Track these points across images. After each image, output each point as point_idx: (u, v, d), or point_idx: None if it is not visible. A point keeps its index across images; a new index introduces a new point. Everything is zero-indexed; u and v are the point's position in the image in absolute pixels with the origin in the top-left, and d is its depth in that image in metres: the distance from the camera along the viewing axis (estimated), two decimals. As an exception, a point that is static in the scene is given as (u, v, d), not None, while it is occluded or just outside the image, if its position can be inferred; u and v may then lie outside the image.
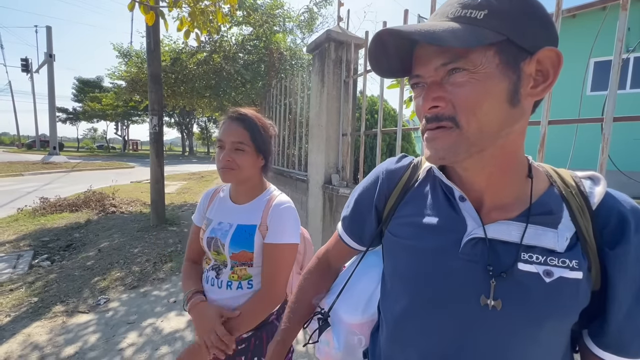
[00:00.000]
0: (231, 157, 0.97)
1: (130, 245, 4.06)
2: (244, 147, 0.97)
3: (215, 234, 1.02)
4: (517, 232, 0.46)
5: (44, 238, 4.41)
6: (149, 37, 4.82)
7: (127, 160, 23.63)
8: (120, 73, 7.02)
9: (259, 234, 0.99)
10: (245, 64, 6.24)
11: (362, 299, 0.67)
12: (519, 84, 0.42)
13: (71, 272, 3.26)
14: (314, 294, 0.73)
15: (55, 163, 16.40)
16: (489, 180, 0.49)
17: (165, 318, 2.51)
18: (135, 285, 3.04)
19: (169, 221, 5.25)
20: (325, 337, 0.68)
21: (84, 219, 5.33)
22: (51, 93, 19.36)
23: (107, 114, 32.62)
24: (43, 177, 11.67)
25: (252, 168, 1.01)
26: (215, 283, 1.02)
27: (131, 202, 6.78)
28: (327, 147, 3.04)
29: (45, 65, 19.43)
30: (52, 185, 9.70)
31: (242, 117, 1.00)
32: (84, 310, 2.57)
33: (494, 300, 0.44)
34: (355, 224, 0.66)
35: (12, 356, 2.00)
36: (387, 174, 0.62)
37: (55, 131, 20.14)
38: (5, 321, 2.37)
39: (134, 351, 2.10)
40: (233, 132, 0.97)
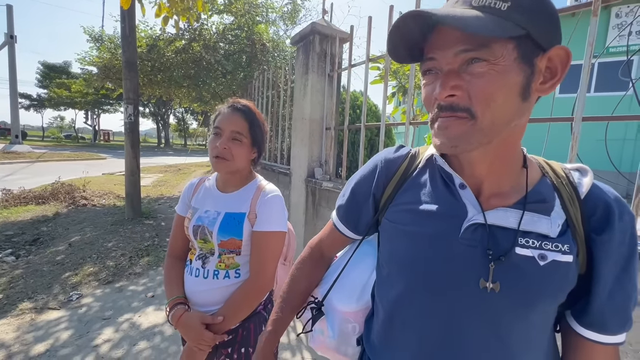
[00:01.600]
0: (228, 146, 0.97)
1: (103, 239, 3.90)
2: (242, 137, 0.99)
3: (202, 222, 1.01)
4: (515, 219, 0.49)
5: (7, 232, 4.14)
6: (124, 21, 4.58)
7: (98, 151, 22.50)
8: (92, 59, 6.64)
9: (248, 222, 0.99)
10: (226, 54, 6.08)
11: (357, 287, 0.69)
12: (532, 78, 0.44)
13: (39, 268, 3.10)
14: (307, 284, 0.74)
15: (17, 153, 15.35)
16: (490, 169, 0.51)
17: (143, 313, 2.44)
18: (110, 280, 2.93)
19: (145, 214, 5.08)
20: (319, 326, 0.70)
21: (52, 212, 5.05)
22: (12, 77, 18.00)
23: (76, 102, 30.78)
24: (4, 168, 10.89)
25: (245, 160, 1.02)
26: (200, 273, 1.01)
27: (104, 194, 6.49)
28: (310, 140, 3.04)
29: (6, 47, 18.02)
30: (14, 176, 9.09)
31: (244, 108, 1.01)
32: (54, 306, 2.46)
33: (493, 283, 0.47)
34: (351, 213, 0.67)
35: (-24, 356, 1.89)
36: (386, 162, 0.64)
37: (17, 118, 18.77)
38: (-34, 319, 2.23)
39: (110, 347, 2.04)
40: (233, 122, 0.98)
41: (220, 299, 1.00)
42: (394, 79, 3.34)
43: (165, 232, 4.46)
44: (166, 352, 2.02)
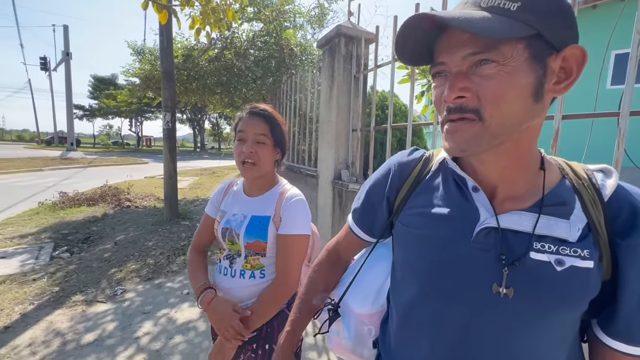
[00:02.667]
0: (254, 150, 1.01)
1: (144, 239, 4.18)
2: (265, 139, 1.02)
3: (230, 225, 1.06)
4: (530, 222, 0.47)
5: (63, 231, 4.58)
6: (162, 34, 4.90)
7: (141, 156, 24.13)
8: (134, 70, 7.15)
9: (273, 225, 1.02)
10: (255, 60, 6.27)
11: (372, 289, 0.69)
12: (544, 79, 0.43)
13: (89, 264, 3.39)
14: (324, 286, 0.75)
15: (72, 159, 16.89)
16: (503, 172, 0.50)
17: (179, 309, 2.58)
18: (150, 277, 3.14)
19: (182, 215, 5.37)
20: (335, 327, 0.71)
21: (100, 213, 5.50)
22: (68, 90, 19.88)
23: (122, 111, 33.30)
24: (62, 173, 12.04)
25: (270, 162, 1.05)
26: (228, 272, 1.06)
27: (145, 196, 6.95)
28: (337, 142, 3.05)
29: (63, 63, 19.94)
30: (70, 180, 10.02)
31: (262, 111, 1.04)
32: (102, 299, 2.67)
33: (506, 289, 0.46)
34: (366, 216, 0.68)
35: (36, 342, 2.10)
36: (399, 166, 0.64)
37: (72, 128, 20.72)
38: (29, 309, 2.49)
39: (149, 339, 2.18)
40: (255, 125, 1.01)
41: (246, 296, 1.04)
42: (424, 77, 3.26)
43: (200, 232, 4.68)
44: (199, 346, 2.12)
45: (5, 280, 2.97)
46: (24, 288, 2.83)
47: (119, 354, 2.02)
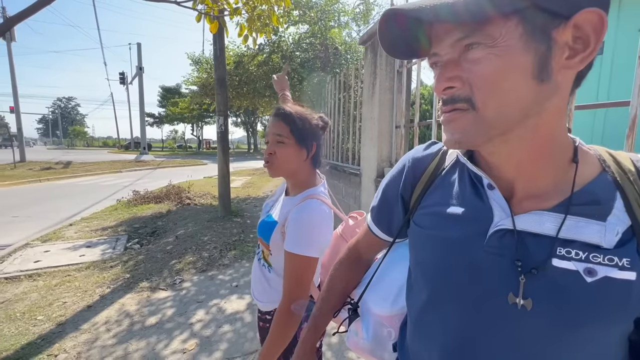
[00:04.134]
0: (272, 150, 0.99)
1: (201, 234, 4.53)
2: (284, 139, 0.99)
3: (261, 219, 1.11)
4: (553, 224, 0.41)
5: (135, 225, 5.18)
6: (215, 44, 5.26)
7: (201, 157, 26.21)
8: (193, 79, 7.81)
9: (279, 233, 0.97)
10: (301, 61, 6.42)
11: (391, 291, 0.66)
12: (550, 55, 0.37)
13: (155, 255, 3.78)
14: (344, 285, 0.74)
15: (145, 161, 19.00)
16: (520, 166, 0.44)
17: (228, 300, 2.76)
18: (204, 269, 3.40)
19: (234, 213, 5.71)
20: (354, 327, 0.69)
21: (165, 210, 6.10)
22: (141, 101, 22.42)
23: (185, 117, 36.58)
24: (136, 174, 13.64)
25: (294, 161, 1.00)
26: (259, 260, 1.13)
27: (203, 195, 7.53)
28: (379, 140, 2.98)
29: (137, 77, 22.52)
30: (142, 180, 11.30)
31: (280, 112, 1.02)
32: (163, 287, 2.97)
33: (524, 299, 0.40)
34: (383, 215, 0.65)
35: (111, 320, 2.42)
36: (413, 162, 0.60)
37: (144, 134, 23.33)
38: (106, 291, 2.87)
39: (201, 326, 2.36)
40: (275, 127, 1.00)
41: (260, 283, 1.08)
42: None
43: (249, 229, 4.94)
44: (245, 337, 2.24)
45: (89, 266, 3.46)
46: (103, 273, 3.27)
47: (175, 338, 2.22)
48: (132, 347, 2.11)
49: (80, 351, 2.05)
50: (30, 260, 3.63)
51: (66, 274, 3.26)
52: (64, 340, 2.16)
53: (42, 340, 2.15)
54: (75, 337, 2.19)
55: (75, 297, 2.76)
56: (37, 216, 5.89)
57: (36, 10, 2.01)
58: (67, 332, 2.25)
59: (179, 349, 2.10)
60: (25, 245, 4.12)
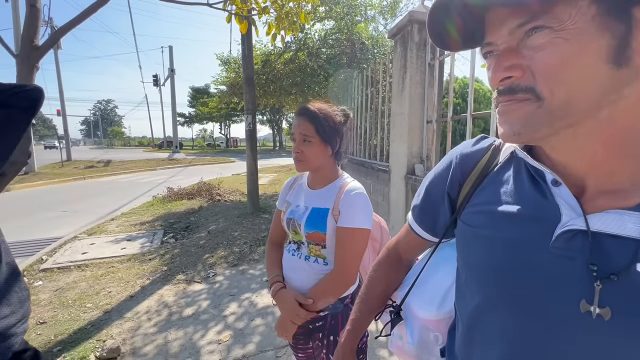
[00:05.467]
0: (300, 149, 1.07)
1: (231, 229, 4.67)
2: (310, 138, 1.06)
3: (294, 215, 1.12)
4: (636, 225, 0.36)
5: (170, 220, 5.43)
6: (244, 44, 5.36)
7: (229, 155, 26.98)
8: (222, 79, 8.03)
9: (332, 217, 1.05)
10: (327, 58, 6.40)
11: (437, 294, 0.64)
12: (629, 36, 0.33)
13: (189, 249, 3.95)
14: (384, 286, 0.73)
15: (177, 159, 19.85)
16: (594, 160, 0.39)
17: (259, 294, 2.83)
18: (236, 263, 3.50)
19: (262, 209, 5.83)
20: (398, 330, 0.68)
21: (197, 206, 6.35)
22: (173, 101, 23.40)
23: (213, 116, 37.80)
24: (169, 171, 14.30)
25: (320, 158, 1.08)
26: (296, 254, 1.14)
27: (232, 192, 7.76)
28: (409, 135, 2.91)
29: (169, 78, 23.51)
30: (175, 177, 11.82)
31: (305, 111, 1.08)
32: (198, 280, 3.09)
33: (600, 308, 0.36)
34: (427, 214, 0.63)
35: (151, 310, 2.56)
36: (462, 158, 0.57)
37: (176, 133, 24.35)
38: (146, 283, 3.04)
39: (235, 319, 2.44)
40: (301, 126, 1.07)
41: (310, 279, 1.09)
42: None
43: (277, 225, 5.03)
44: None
45: (130, 258, 3.68)
46: (143, 265, 3.46)
47: (211, 329, 2.31)
48: (171, 336, 2.22)
49: (125, 338, 2.19)
50: (78, 252, 3.92)
51: (110, 265, 3.49)
52: (111, 327, 2.31)
53: (92, 327, 2.32)
54: (120, 325, 2.34)
55: (119, 287, 2.95)
56: (83, 211, 6.34)
57: (81, 20, 2.15)
58: (112, 319, 2.41)
59: (214, 340, 2.18)
60: (74, 238, 4.46)
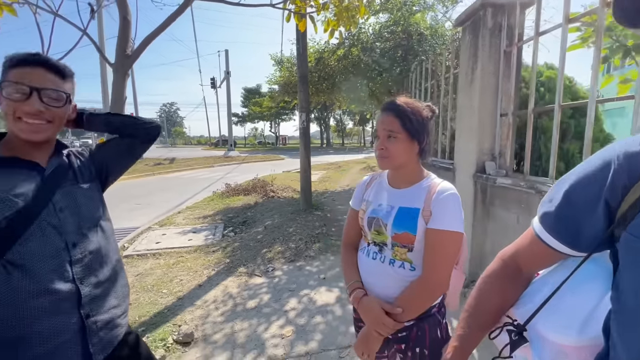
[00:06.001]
0: (384, 146, 1.01)
1: (286, 225, 4.78)
2: (396, 134, 1.00)
3: (377, 214, 1.06)
4: None
5: (229, 215, 5.75)
6: (299, 42, 5.43)
7: (279, 153, 27.86)
8: (275, 78, 8.26)
9: (422, 218, 0.98)
10: (382, 52, 6.21)
11: (578, 316, 0.54)
12: None
13: (248, 243, 4.13)
14: (500, 302, 0.65)
15: (232, 157, 21.04)
16: None
17: (317, 291, 2.84)
18: (293, 259, 3.57)
19: (315, 206, 5.88)
20: (521, 353, 0.59)
21: (253, 201, 6.63)
22: (228, 102, 24.82)
23: (264, 115, 39.37)
24: (225, 168, 15.21)
25: (405, 154, 1.01)
26: (377, 257, 1.06)
27: (285, 188, 7.97)
28: (480, 130, 2.67)
29: (225, 81, 24.95)
30: (231, 174, 12.53)
31: (391, 106, 1.03)
32: (258, 274, 3.21)
33: None
34: (566, 223, 0.54)
35: (218, 300, 2.71)
36: (627, 159, 0.46)
37: (231, 132, 25.82)
38: (212, 274, 3.24)
39: (295, 314, 2.48)
40: (385, 122, 1.02)
41: (394, 286, 1.02)
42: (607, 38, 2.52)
43: (331, 222, 5.03)
44: (337, 330, 2.27)
45: (196, 249, 3.96)
46: (208, 257, 3.70)
47: (273, 322, 2.37)
48: (237, 327, 2.32)
49: (197, 324, 2.35)
50: (152, 241, 4.33)
51: (179, 255, 3.79)
52: (184, 313, 2.50)
53: (168, 311, 2.53)
54: (192, 312, 2.52)
55: (188, 276, 3.18)
56: (153, 204, 7.01)
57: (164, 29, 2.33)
58: (185, 306, 2.61)
59: (277, 334, 2.23)
60: (148, 228, 4.93)
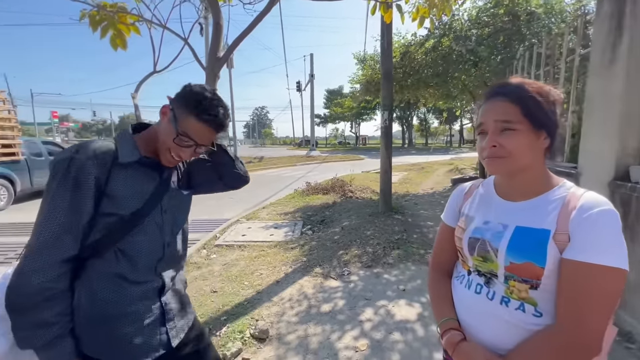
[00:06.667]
0: (497, 142, 0.73)
1: (364, 227, 4.61)
2: (514, 125, 0.72)
3: (482, 235, 0.80)
4: None
5: (308, 213, 5.86)
6: (383, 37, 5.18)
7: (358, 153, 27.75)
8: (358, 77, 8.14)
9: (554, 244, 0.70)
10: (478, 40, 5.48)
11: None
12: None
13: (324, 243, 4.10)
14: None
15: (313, 157, 21.81)
16: None
17: (395, 304, 2.60)
18: (369, 264, 3.38)
19: (395, 209, 5.55)
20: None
21: (331, 201, 6.64)
22: (312, 104, 25.81)
23: (345, 116, 39.79)
24: (306, 167, 15.81)
25: (530, 153, 0.73)
26: (483, 291, 0.80)
27: (364, 189, 7.79)
28: (623, 124, 2.05)
29: (309, 84, 26.02)
30: (311, 173, 12.93)
31: (504, 89, 0.75)
32: (333, 276, 3.13)
33: None
34: None
35: (293, 298, 2.72)
36: None
37: (313, 132, 26.82)
38: (289, 270, 3.29)
39: (371, 327, 2.29)
40: (496, 110, 0.74)
41: (507, 334, 0.75)
42: None
43: (412, 228, 4.66)
44: (418, 354, 2.00)
45: (276, 245, 4.11)
46: (286, 253, 3.79)
47: (347, 332, 2.24)
48: (310, 330, 2.26)
49: (272, 322, 2.37)
50: (239, 233, 4.67)
51: (261, 249, 3.98)
52: (261, 308, 2.56)
53: (248, 303, 2.63)
54: (268, 307, 2.57)
55: (268, 271, 3.29)
56: (243, 199, 7.64)
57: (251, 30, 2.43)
58: (263, 300, 2.68)
59: (351, 346, 2.09)
60: (237, 221, 5.36)
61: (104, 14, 2.51)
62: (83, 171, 0.78)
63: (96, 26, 2.52)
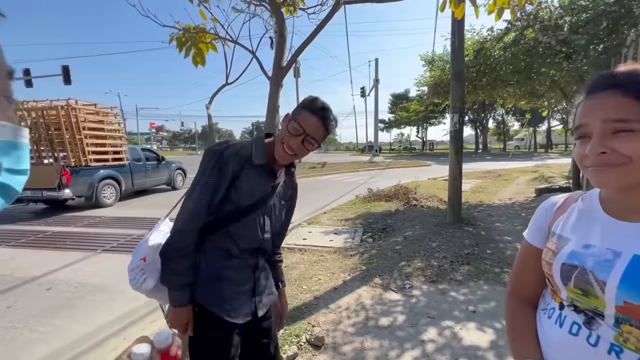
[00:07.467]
0: (607, 148, 0.57)
1: (429, 239, 4.30)
2: (632, 124, 0.55)
3: (582, 262, 0.63)
4: None
5: (369, 219, 5.73)
6: (454, 35, 4.83)
7: (425, 159, 26.31)
8: (425, 79, 7.74)
9: None
10: (572, 28, 4.73)
11: None
12: None
13: (385, 252, 3.93)
14: None
15: (376, 162, 21.40)
16: None
17: (464, 326, 2.34)
18: (434, 279, 3.12)
19: (465, 220, 5.08)
20: None
21: (394, 209, 6.38)
22: (376, 109, 25.43)
23: (411, 120, 38.23)
24: (369, 173, 15.57)
25: None
26: (582, 333, 0.63)
27: (429, 197, 7.32)
28: None
29: (373, 89, 25.71)
30: (374, 179, 12.67)
31: (616, 78, 0.59)
32: (394, 289, 2.97)
33: None
34: None
35: (350, 308, 2.65)
36: None
37: (377, 138, 26.35)
38: (347, 279, 3.23)
39: (434, 349, 2.10)
40: (605, 106, 0.58)
41: None
42: None
43: (485, 242, 4.19)
44: (491, 387, 1.76)
45: (336, 251, 4.08)
46: (345, 260, 3.74)
47: (406, 351, 2.08)
48: (367, 344, 2.17)
49: (329, 329, 2.34)
50: (300, 237, 4.78)
51: (321, 254, 4.00)
52: (318, 314, 2.55)
53: (305, 308, 2.65)
54: (325, 315, 2.55)
55: (326, 277, 3.28)
56: (306, 203, 7.83)
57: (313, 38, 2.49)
58: (320, 307, 2.67)
59: (410, 367, 1.94)
60: (298, 225, 5.51)
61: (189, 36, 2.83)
62: (227, 165, 1.02)
63: (182, 47, 2.85)
